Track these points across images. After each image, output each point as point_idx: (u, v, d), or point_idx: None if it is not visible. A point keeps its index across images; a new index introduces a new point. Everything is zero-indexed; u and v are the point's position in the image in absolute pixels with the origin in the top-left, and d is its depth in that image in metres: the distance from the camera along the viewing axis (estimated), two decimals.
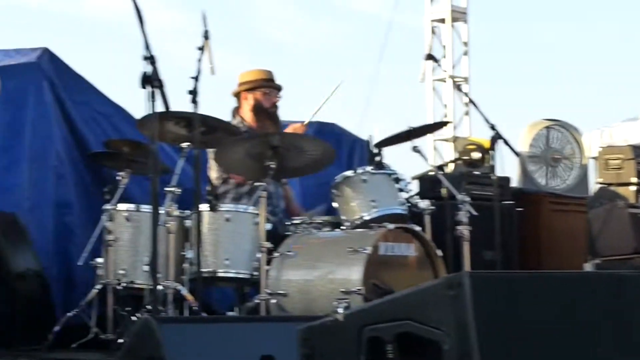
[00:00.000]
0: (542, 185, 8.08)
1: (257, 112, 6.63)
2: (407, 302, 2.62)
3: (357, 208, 5.98)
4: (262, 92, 6.66)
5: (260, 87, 6.66)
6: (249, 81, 6.68)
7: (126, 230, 5.85)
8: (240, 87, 6.70)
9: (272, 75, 6.75)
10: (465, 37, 10.95)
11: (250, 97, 6.66)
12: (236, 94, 6.74)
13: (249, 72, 6.74)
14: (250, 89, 6.66)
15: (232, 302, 6.39)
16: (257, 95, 6.65)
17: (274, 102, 6.68)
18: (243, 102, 6.69)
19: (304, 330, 2.85)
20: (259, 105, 6.64)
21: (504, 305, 2.59)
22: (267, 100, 6.66)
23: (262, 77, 6.69)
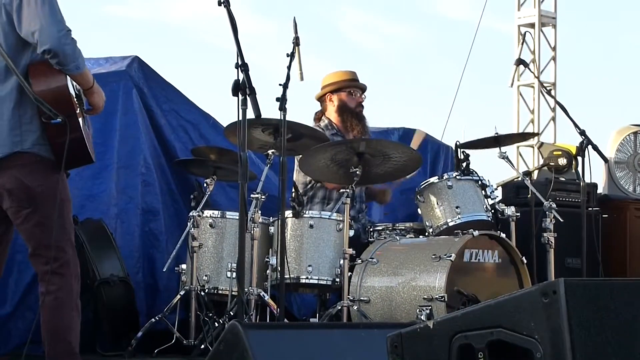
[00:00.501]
0: (629, 191, 7.94)
1: (342, 112, 6.62)
2: (499, 310, 2.59)
3: (441, 214, 5.95)
4: (346, 93, 6.66)
5: (345, 88, 6.66)
6: (333, 82, 6.68)
7: (210, 236, 5.90)
8: (325, 89, 6.70)
9: (356, 75, 6.75)
10: (553, 42, 10.84)
11: (335, 98, 6.66)
12: (320, 97, 6.74)
13: (332, 74, 6.74)
14: (334, 90, 6.66)
15: (313, 309, 6.40)
16: (341, 96, 6.65)
17: (359, 102, 6.67)
18: (328, 104, 6.68)
19: (393, 337, 2.83)
20: (344, 105, 6.63)
21: (599, 312, 2.54)
22: (352, 100, 6.65)
23: (346, 78, 6.69)
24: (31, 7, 4.12)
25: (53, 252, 4.20)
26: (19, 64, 4.19)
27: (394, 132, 7.73)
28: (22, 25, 4.15)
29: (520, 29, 10.80)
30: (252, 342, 3.26)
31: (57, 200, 4.23)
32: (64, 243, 4.27)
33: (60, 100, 4.17)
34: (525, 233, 6.38)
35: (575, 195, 7.24)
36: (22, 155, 4.20)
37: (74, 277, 4.31)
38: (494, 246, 5.76)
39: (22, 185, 4.21)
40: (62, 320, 4.25)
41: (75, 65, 4.17)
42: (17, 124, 4.19)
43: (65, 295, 4.25)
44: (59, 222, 4.24)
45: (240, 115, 4.09)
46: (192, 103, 6.71)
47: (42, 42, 4.10)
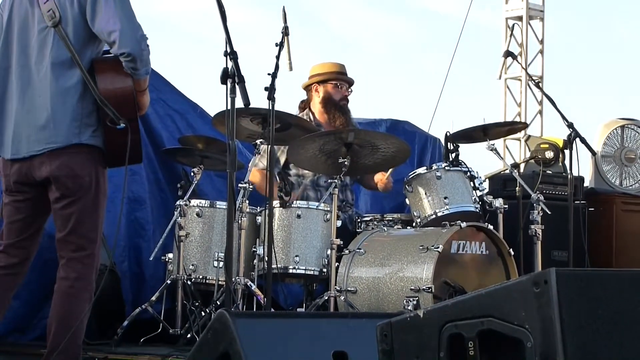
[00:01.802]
0: (616, 185, 7.96)
1: (326, 103, 6.60)
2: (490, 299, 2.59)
3: (429, 205, 5.95)
4: (333, 85, 6.63)
5: (331, 80, 6.63)
6: (320, 73, 6.66)
7: (197, 225, 5.88)
8: (311, 79, 6.67)
9: (344, 68, 6.72)
10: (541, 35, 10.85)
11: (321, 89, 6.63)
12: (306, 86, 6.72)
13: (320, 65, 6.72)
14: (321, 81, 6.64)
15: (299, 299, 6.40)
16: (327, 88, 6.62)
17: (344, 95, 6.64)
18: (313, 94, 6.66)
19: (383, 326, 2.83)
20: (329, 97, 6.61)
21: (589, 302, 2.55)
22: (338, 92, 6.62)
23: (333, 70, 6.66)
24: (109, 5, 4.14)
25: (84, 242, 4.22)
26: (84, 57, 4.22)
27: (382, 124, 7.73)
28: (97, 22, 4.16)
29: (508, 21, 10.80)
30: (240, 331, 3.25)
31: (99, 193, 4.29)
32: (96, 235, 4.32)
33: (125, 102, 4.22)
34: (512, 225, 6.39)
35: (562, 188, 7.26)
36: (76, 146, 4.24)
37: (95, 269, 4.35)
38: (482, 238, 5.77)
39: (73, 174, 4.25)
40: (73, 309, 4.25)
41: (146, 70, 4.24)
42: (79, 117, 4.22)
43: (82, 285, 4.27)
44: (95, 214, 4.29)
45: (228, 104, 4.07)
46: (180, 92, 6.69)
47: (123, 44, 4.11)
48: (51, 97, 4.20)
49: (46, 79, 4.21)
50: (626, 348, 2.61)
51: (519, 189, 6.50)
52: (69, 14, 4.20)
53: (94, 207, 4.30)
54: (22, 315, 5.85)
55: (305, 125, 6.00)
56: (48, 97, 4.20)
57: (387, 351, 2.82)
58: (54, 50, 4.21)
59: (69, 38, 4.16)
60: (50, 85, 4.20)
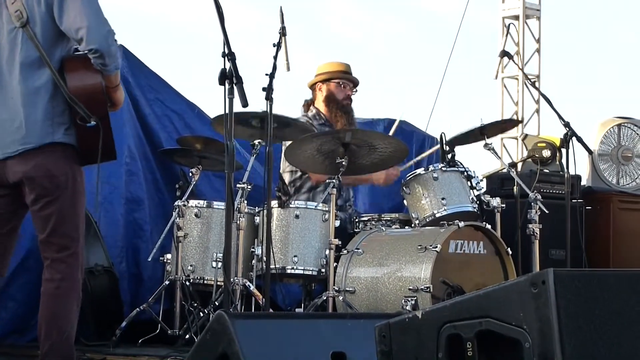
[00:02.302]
0: (613, 183, 7.97)
1: (329, 102, 6.61)
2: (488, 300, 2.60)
3: (427, 205, 5.96)
4: (336, 84, 6.64)
5: (335, 79, 6.64)
6: (325, 72, 6.67)
7: (195, 226, 5.89)
8: (316, 77, 6.69)
9: (350, 68, 6.73)
10: (537, 34, 10.86)
11: (324, 88, 6.64)
12: (312, 85, 6.73)
13: (326, 64, 6.74)
14: (325, 79, 6.65)
15: (298, 299, 6.40)
16: (330, 87, 6.63)
17: (347, 95, 6.65)
18: (318, 93, 6.67)
19: (381, 327, 2.83)
20: (331, 95, 6.62)
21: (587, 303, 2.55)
22: (341, 92, 6.63)
23: (338, 69, 6.68)
24: (76, 3, 4.12)
25: (65, 241, 4.21)
26: (53, 56, 4.20)
27: (379, 123, 7.74)
28: (64, 20, 4.14)
29: (504, 20, 10.81)
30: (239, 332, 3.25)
31: (77, 191, 4.28)
32: (77, 234, 4.30)
33: (95, 99, 4.20)
34: (510, 224, 6.40)
35: (559, 187, 7.26)
36: (50, 145, 4.22)
37: (79, 268, 4.33)
38: (479, 237, 5.78)
39: (48, 174, 4.23)
40: (62, 310, 4.24)
41: (115, 65, 4.22)
42: (50, 116, 4.21)
43: (68, 285, 4.26)
44: (75, 213, 4.27)
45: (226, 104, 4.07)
46: (177, 92, 6.69)
47: (90, 41, 4.10)
48: (22, 98, 4.18)
49: (17, 80, 4.20)
50: (624, 348, 2.61)
51: (516, 188, 6.50)
52: (37, 13, 4.18)
53: (72, 206, 4.28)
54: (20, 316, 5.85)
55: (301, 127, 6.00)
56: (19, 98, 4.19)
57: (386, 352, 2.83)
58: (23, 50, 4.19)
59: (37, 38, 4.15)
60: (21, 85, 4.19)
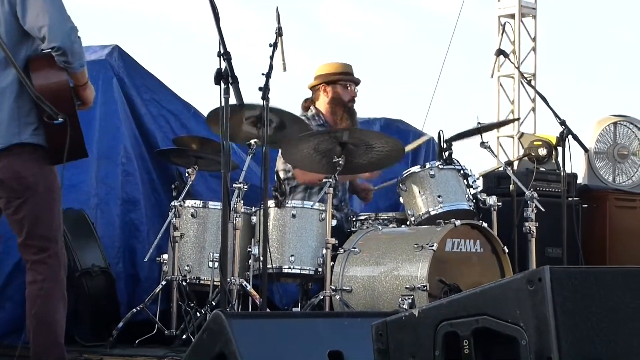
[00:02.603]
0: (609, 181, 7.98)
1: (336, 104, 6.59)
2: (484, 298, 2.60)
3: (423, 204, 5.96)
4: (342, 86, 6.63)
5: (341, 80, 6.63)
6: (330, 73, 6.64)
7: (192, 226, 5.89)
8: (320, 78, 6.66)
9: (352, 69, 6.71)
10: (533, 33, 10.86)
11: (330, 90, 6.62)
12: (314, 86, 6.69)
13: (329, 65, 6.70)
14: (331, 81, 6.63)
15: (295, 299, 6.41)
16: (337, 88, 6.61)
17: (352, 97, 6.65)
18: (322, 94, 6.64)
19: (378, 325, 2.83)
20: (338, 97, 6.60)
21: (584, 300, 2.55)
22: (347, 93, 6.62)
23: (343, 70, 6.66)
24: (38, 2, 4.10)
25: (43, 242, 4.20)
26: (18, 56, 4.17)
27: (376, 122, 7.74)
28: (27, 19, 4.13)
29: (500, 19, 10.81)
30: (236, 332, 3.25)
31: (49, 191, 4.23)
32: (54, 234, 4.27)
33: (61, 97, 4.16)
34: (506, 222, 6.41)
35: (555, 185, 7.28)
36: (18, 146, 4.20)
37: (62, 268, 4.30)
38: (476, 236, 5.78)
39: (17, 175, 4.21)
40: (47, 310, 4.23)
41: (80, 63, 4.18)
42: (16, 116, 4.19)
43: (52, 285, 4.24)
44: (50, 213, 4.24)
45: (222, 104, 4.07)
46: (173, 92, 6.68)
47: (52, 39, 4.08)
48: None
49: None
50: (620, 344, 2.62)
51: (512, 186, 6.51)
52: (0, 13, 4.17)
53: (45, 206, 4.24)
54: (17, 317, 5.83)
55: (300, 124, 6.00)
56: None
57: (383, 350, 2.83)
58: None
59: (2, 38, 4.14)
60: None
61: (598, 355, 2.56)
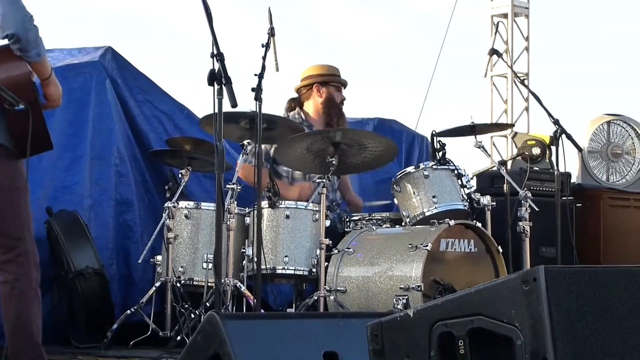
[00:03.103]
0: (602, 180, 7.99)
1: (329, 106, 6.58)
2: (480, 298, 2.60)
3: (417, 204, 5.96)
4: (335, 87, 6.62)
5: (333, 82, 6.62)
6: (321, 74, 6.63)
7: (186, 227, 5.89)
8: (310, 79, 6.64)
9: (339, 71, 6.72)
10: (526, 32, 10.87)
11: (324, 90, 6.61)
12: (303, 86, 6.68)
13: (318, 67, 6.69)
14: (323, 82, 6.62)
15: (289, 299, 6.40)
16: (330, 90, 6.60)
17: (343, 99, 6.65)
18: (314, 94, 6.62)
19: (373, 326, 2.83)
20: (332, 99, 6.60)
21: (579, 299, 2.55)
22: (339, 95, 6.62)
23: (334, 72, 6.66)
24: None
25: (10, 241, 4.16)
26: None
27: (369, 122, 7.74)
28: None
29: (493, 19, 10.81)
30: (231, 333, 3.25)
31: (13, 188, 4.19)
32: (22, 232, 4.22)
33: (22, 88, 4.12)
34: (500, 222, 6.40)
35: (549, 185, 7.28)
36: None
37: (33, 266, 4.25)
38: (470, 235, 5.78)
39: None
40: (22, 310, 4.20)
41: (37, 52, 4.12)
42: None
43: (24, 284, 4.20)
44: (15, 211, 4.20)
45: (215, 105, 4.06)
46: (167, 94, 6.67)
47: (6, 27, 4.05)
48: None
49: None
50: (616, 344, 2.61)
51: (506, 186, 6.51)
52: None
53: (10, 204, 4.19)
54: None
55: (291, 126, 6.00)
56: None
57: (378, 351, 2.83)
58: None
59: None
60: None
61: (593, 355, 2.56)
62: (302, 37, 16.17)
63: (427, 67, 10.92)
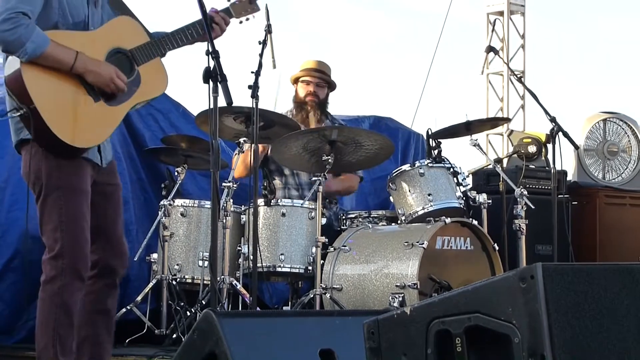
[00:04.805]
0: (599, 178, 7.99)
1: (296, 104, 6.57)
2: (477, 295, 2.58)
3: (413, 202, 5.95)
4: (300, 83, 6.58)
5: (300, 77, 6.57)
6: (295, 74, 6.63)
7: (182, 225, 5.88)
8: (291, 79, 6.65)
9: (320, 65, 6.61)
10: (522, 30, 10.87)
11: (294, 90, 6.61)
12: None
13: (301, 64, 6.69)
14: (294, 80, 6.61)
15: (285, 297, 6.40)
16: (297, 87, 6.59)
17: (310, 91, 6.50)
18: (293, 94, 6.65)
19: (370, 323, 2.82)
20: (296, 96, 6.59)
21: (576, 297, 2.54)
22: (303, 89, 6.53)
23: (304, 67, 6.60)
24: None
25: (49, 242, 4.10)
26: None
27: (365, 120, 7.74)
28: None
29: (489, 16, 10.80)
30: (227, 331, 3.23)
31: (47, 187, 4.11)
32: (58, 234, 4.08)
33: (14, 90, 3.98)
34: (496, 220, 6.40)
35: (545, 183, 7.28)
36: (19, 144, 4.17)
37: (63, 272, 4.09)
38: (466, 233, 5.78)
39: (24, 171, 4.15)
40: (41, 313, 4.14)
41: (24, 51, 3.91)
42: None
43: (47, 288, 4.09)
44: (51, 212, 4.09)
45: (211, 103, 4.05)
46: None
47: None
48: None
49: None
50: (613, 341, 2.61)
51: (502, 183, 6.52)
52: None
53: (45, 205, 4.07)
54: (6, 317, 5.82)
55: (288, 123, 5.99)
56: None
57: (375, 349, 2.82)
58: None
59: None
60: None
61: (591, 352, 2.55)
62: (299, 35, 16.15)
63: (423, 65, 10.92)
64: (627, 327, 2.63)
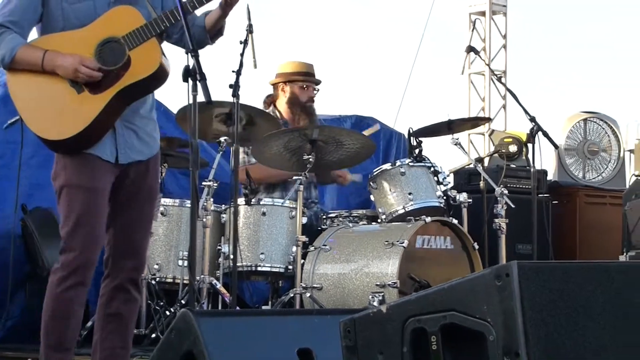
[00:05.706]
0: (579, 177, 8.01)
1: (292, 104, 6.54)
2: (452, 293, 2.58)
3: (394, 201, 5.96)
4: (299, 86, 6.58)
5: (298, 81, 6.58)
6: (287, 73, 6.59)
7: (161, 224, 5.86)
8: (278, 78, 6.62)
9: (312, 68, 6.64)
10: (504, 30, 10.89)
11: (287, 90, 6.57)
12: (274, 83, 6.66)
13: (288, 64, 6.65)
14: (288, 80, 6.59)
15: (265, 296, 6.39)
16: (294, 89, 6.56)
17: (310, 97, 6.58)
18: (280, 93, 6.60)
19: (346, 322, 2.81)
20: (295, 98, 6.55)
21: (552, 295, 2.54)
22: (304, 93, 6.56)
23: (300, 70, 6.60)
24: None
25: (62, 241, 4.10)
26: None
27: (347, 120, 7.74)
28: None
29: (471, 16, 10.83)
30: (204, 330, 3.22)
31: (62, 185, 4.15)
32: (65, 232, 4.09)
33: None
34: (477, 219, 6.42)
35: (525, 182, 7.30)
36: None
37: (66, 271, 4.10)
38: (446, 232, 5.79)
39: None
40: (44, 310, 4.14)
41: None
42: None
43: (49, 288, 4.13)
44: (63, 209, 4.11)
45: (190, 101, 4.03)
46: None
47: None
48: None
49: None
50: (589, 340, 2.61)
51: (483, 183, 6.53)
52: None
53: (58, 204, 4.11)
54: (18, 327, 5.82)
55: (270, 120, 5.97)
56: None
57: (351, 347, 2.81)
58: None
59: None
60: None
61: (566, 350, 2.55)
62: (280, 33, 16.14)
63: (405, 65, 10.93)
64: (603, 325, 2.63)
